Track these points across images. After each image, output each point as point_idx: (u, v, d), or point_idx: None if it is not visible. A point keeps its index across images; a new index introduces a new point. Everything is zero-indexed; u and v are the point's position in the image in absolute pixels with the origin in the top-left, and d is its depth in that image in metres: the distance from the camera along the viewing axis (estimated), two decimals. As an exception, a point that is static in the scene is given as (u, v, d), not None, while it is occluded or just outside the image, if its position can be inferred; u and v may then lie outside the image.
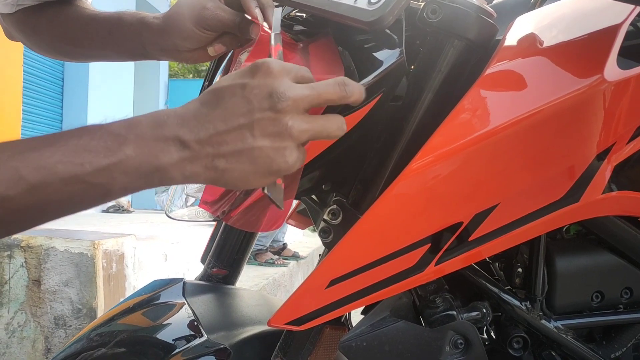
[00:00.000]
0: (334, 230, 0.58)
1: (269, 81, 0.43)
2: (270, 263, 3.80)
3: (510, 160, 0.52)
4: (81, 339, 0.74)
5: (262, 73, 0.43)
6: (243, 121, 0.42)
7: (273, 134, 0.42)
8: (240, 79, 0.43)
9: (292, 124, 0.42)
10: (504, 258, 0.68)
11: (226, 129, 0.42)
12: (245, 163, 0.43)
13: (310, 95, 0.43)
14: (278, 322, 0.56)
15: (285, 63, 0.44)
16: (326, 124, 0.45)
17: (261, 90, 0.42)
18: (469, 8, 0.54)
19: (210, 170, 0.43)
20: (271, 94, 0.42)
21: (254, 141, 0.42)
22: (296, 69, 0.44)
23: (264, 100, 0.42)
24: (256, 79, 0.43)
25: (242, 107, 0.42)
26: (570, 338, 0.63)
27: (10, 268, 1.88)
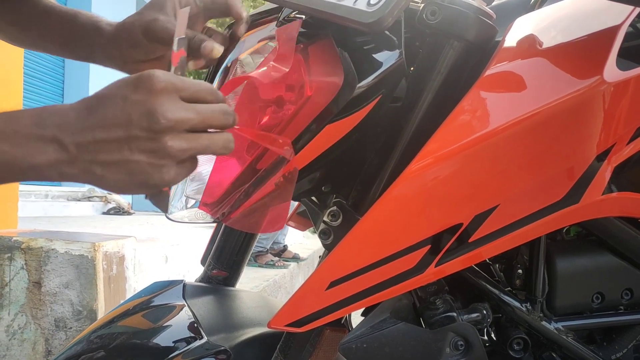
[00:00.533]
0: (333, 231, 0.58)
1: (151, 99, 0.42)
2: (271, 265, 3.80)
3: (510, 161, 0.52)
4: (81, 341, 0.74)
5: (145, 88, 0.42)
6: (121, 134, 0.42)
7: (149, 151, 0.42)
8: (124, 89, 0.43)
9: (172, 144, 0.42)
10: (504, 259, 0.68)
11: (104, 138, 0.42)
12: (121, 173, 0.43)
13: (193, 119, 0.43)
14: (278, 324, 0.56)
15: (176, 78, 0.43)
16: (210, 144, 0.44)
17: (141, 107, 0.42)
18: (468, 9, 0.54)
19: (88, 174, 0.43)
20: (150, 113, 0.41)
21: (130, 155, 0.42)
22: (189, 85, 0.44)
23: (143, 119, 0.42)
24: (138, 94, 0.42)
25: (121, 120, 0.42)
26: (570, 339, 0.63)
27: (10, 270, 1.87)
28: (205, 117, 0.44)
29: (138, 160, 0.42)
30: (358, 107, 0.53)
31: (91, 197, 5.42)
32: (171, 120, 0.42)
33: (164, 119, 0.41)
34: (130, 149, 0.42)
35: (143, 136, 0.42)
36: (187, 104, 0.43)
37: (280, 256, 4.11)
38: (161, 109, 0.41)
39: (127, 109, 0.42)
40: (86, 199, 5.39)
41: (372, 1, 0.46)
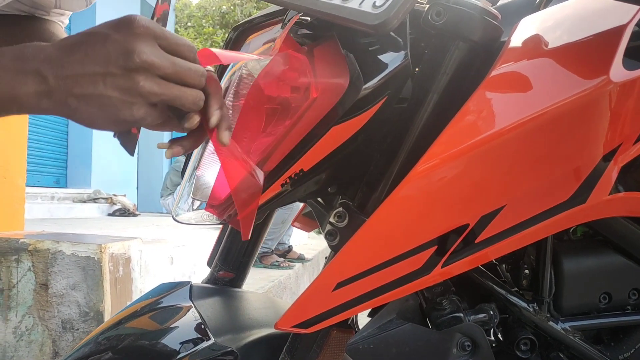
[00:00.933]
0: (340, 232, 0.58)
1: (130, 39, 0.44)
2: (276, 265, 3.80)
3: (516, 162, 0.52)
4: (89, 342, 0.74)
5: (126, 29, 0.44)
6: (98, 69, 0.44)
7: (122, 88, 0.44)
8: (106, 29, 0.45)
9: (143, 84, 0.44)
10: (510, 260, 0.68)
11: (82, 73, 0.44)
12: (94, 107, 0.45)
13: (167, 68, 0.45)
14: (285, 325, 0.56)
15: (157, 26, 0.45)
16: (181, 95, 0.46)
17: (120, 46, 0.44)
18: (474, 10, 0.54)
19: (63, 107, 0.45)
20: (128, 52, 0.44)
21: (104, 90, 0.44)
22: (169, 36, 0.46)
23: (120, 57, 0.44)
24: (119, 33, 0.44)
25: (99, 57, 0.44)
26: (578, 339, 0.63)
27: (17, 272, 1.89)
28: (179, 70, 0.46)
29: (110, 96, 0.44)
30: (364, 108, 0.53)
31: (97, 199, 5.44)
32: (145, 62, 0.44)
33: (139, 59, 0.44)
34: (104, 84, 0.44)
35: (118, 73, 0.44)
36: (165, 53, 0.45)
37: (285, 257, 4.11)
38: (138, 49, 0.44)
39: (106, 47, 0.44)
40: (92, 201, 5.41)
41: (377, 3, 0.46)
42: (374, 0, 0.46)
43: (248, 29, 0.68)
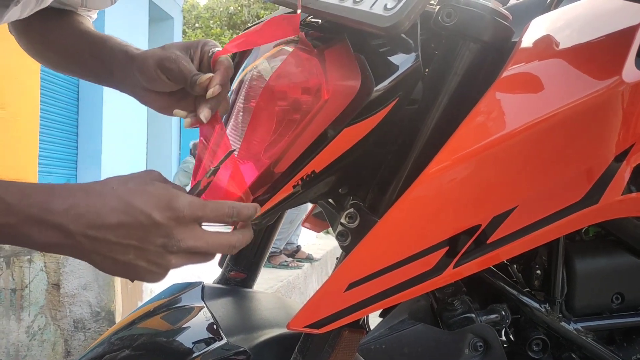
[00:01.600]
0: (351, 233, 0.58)
1: (171, 226, 0.46)
2: (285, 265, 3.81)
3: (528, 162, 0.52)
4: (102, 343, 0.75)
5: (170, 214, 0.46)
6: (134, 243, 0.46)
7: (152, 261, 0.47)
8: (149, 208, 0.46)
9: (175, 262, 0.48)
10: (522, 260, 0.68)
11: (115, 242, 0.46)
12: (117, 268, 0.47)
13: (201, 248, 0.48)
14: (297, 326, 0.57)
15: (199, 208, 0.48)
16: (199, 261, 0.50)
17: (161, 231, 0.46)
18: (484, 11, 0.54)
19: (84, 258, 0.47)
20: (169, 237, 0.46)
21: (134, 259, 0.47)
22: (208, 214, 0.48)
23: (159, 239, 0.46)
24: (162, 216, 0.46)
25: (138, 234, 0.46)
26: (590, 340, 0.62)
27: (30, 272, 1.91)
28: (211, 247, 0.49)
29: (138, 265, 0.47)
30: (375, 110, 0.53)
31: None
32: (183, 248, 0.47)
33: (177, 247, 0.47)
34: (135, 255, 0.46)
35: (152, 250, 0.46)
36: (201, 232, 0.48)
37: (293, 257, 4.12)
38: (178, 236, 0.47)
39: (148, 228, 0.46)
40: (101, 201, 5.43)
41: (388, 5, 0.46)
42: (385, 3, 0.47)
43: (258, 32, 0.69)
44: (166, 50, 0.63)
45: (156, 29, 7.61)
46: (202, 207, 0.48)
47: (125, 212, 0.45)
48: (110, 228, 0.45)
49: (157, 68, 0.62)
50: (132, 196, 0.46)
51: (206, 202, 0.48)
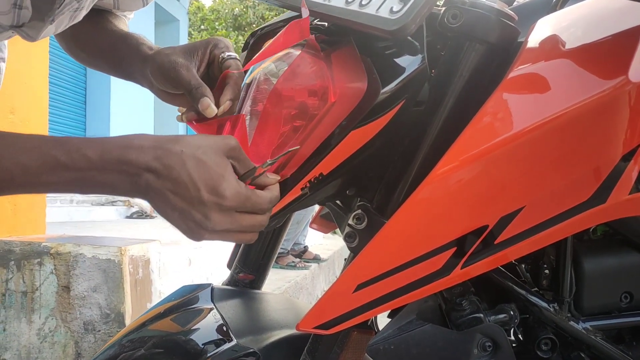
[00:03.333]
0: (359, 234, 0.59)
1: (213, 208, 0.50)
2: (292, 266, 3.81)
3: (535, 163, 0.52)
4: (113, 345, 0.76)
5: (215, 200, 0.50)
6: (180, 205, 0.50)
7: (190, 228, 0.52)
8: (202, 184, 0.50)
9: (207, 237, 0.52)
10: (530, 260, 0.68)
11: (171, 196, 0.50)
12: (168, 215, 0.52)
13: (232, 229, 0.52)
14: (306, 326, 0.57)
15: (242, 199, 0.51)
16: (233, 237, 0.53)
17: (202, 209, 0.50)
18: (490, 12, 0.54)
19: (151, 201, 0.51)
20: (206, 217, 0.50)
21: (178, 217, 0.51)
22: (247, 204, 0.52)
23: (198, 215, 0.50)
24: (208, 197, 0.50)
25: (186, 199, 0.50)
26: (599, 339, 0.62)
27: (40, 275, 1.92)
28: (243, 228, 0.53)
29: (180, 222, 0.52)
30: (382, 112, 0.54)
31: (115, 202, 5.51)
32: (215, 230, 0.51)
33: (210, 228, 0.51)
34: (180, 214, 0.51)
35: (191, 220, 0.51)
36: (237, 217, 0.52)
37: (301, 257, 4.12)
38: (214, 219, 0.50)
39: (193, 200, 0.50)
40: (110, 204, 5.48)
41: (395, 8, 0.47)
42: (391, 6, 0.47)
43: (265, 34, 0.69)
44: (169, 55, 0.64)
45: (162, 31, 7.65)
46: (245, 199, 0.51)
47: (180, 178, 0.50)
48: (168, 188, 0.50)
49: (159, 74, 0.64)
50: (192, 163, 0.50)
51: (250, 195, 0.52)
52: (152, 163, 0.50)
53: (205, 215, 0.50)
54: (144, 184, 0.50)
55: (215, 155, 0.51)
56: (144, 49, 0.70)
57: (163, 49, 0.67)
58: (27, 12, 0.66)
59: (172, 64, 0.63)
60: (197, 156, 0.50)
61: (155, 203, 0.51)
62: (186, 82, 0.62)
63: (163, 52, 0.65)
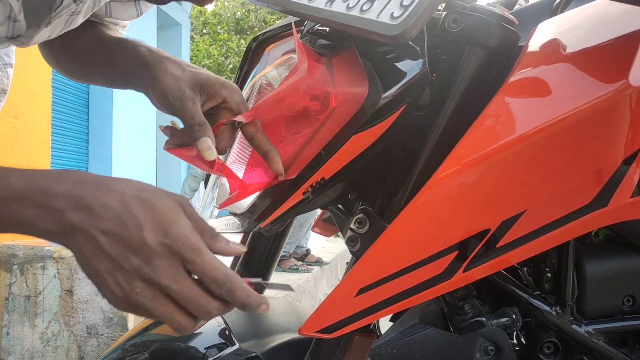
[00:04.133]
0: (361, 238, 0.59)
1: (158, 252, 0.42)
2: (294, 269, 3.82)
3: (536, 166, 0.52)
4: (116, 349, 0.76)
5: (163, 241, 0.43)
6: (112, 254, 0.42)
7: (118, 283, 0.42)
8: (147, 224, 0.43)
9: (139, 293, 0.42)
10: (532, 263, 0.67)
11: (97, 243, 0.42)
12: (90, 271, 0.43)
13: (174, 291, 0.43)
14: (309, 331, 0.57)
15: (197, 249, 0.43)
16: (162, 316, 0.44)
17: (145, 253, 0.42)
18: (490, 17, 0.54)
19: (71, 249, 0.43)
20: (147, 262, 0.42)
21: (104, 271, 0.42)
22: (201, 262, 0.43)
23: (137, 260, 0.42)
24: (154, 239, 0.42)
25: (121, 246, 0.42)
26: (602, 343, 0.62)
27: (43, 279, 1.93)
28: (184, 297, 0.43)
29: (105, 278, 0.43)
30: (383, 117, 0.54)
31: (117, 205, 5.50)
32: (154, 281, 0.42)
33: (149, 276, 0.42)
34: (107, 268, 0.42)
35: (125, 269, 0.42)
36: (183, 277, 0.43)
37: (303, 260, 4.13)
38: (157, 266, 0.42)
39: (133, 243, 0.42)
40: (112, 207, 5.47)
41: (395, 14, 0.47)
42: (392, 11, 0.47)
43: (267, 40, 0.70)
44: (177, 80, 0.60)
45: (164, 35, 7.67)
46: (198, 252, 0.43)
47: (120, 218, 0.42)
48: (100, 229, 0.42)
49: (161, 95, 0.61)
50: (135, 203, 0.43)
51: (204, 251, 0.43)
52: (85, 199, 0.42)
53: (146, 259, 0.42)
54: (69, 223, 0.42)
55: (166, 199, 0.44)
56: (142, 52, 0.66)
57: (168, 61, 0.63)
58: (22, 25, 0.64)
59: (179, 92, 0.59)
60: (143, 197, 0.44)
61: (79, 250, 0.42)
62: (190, 116, 0.57)
63: (169, 69, 0.61)
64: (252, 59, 0.71)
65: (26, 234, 0.44)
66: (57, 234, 0.43)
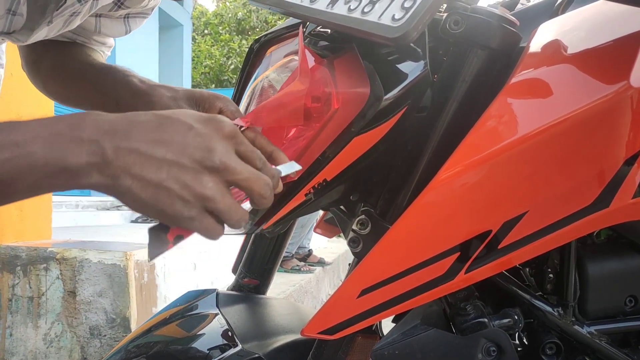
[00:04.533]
0: (363, 240, 0.59)
1: (215, 137, 0.42)
2: (297, 270, 3.82)
3: (538, 167, 0.52)
4: (119, 350, 0.76)
5: (213, 127, 0.43)
6: (169, 157, 0.41)
7: (186, 183, 0.41)
8: (192, 119, 0.43)
9: (210, 186, 0.41)
10: (534, 264, 0.68)
11: (149, 154, 0.41)
12: (147, 193, 0.41)
13: (240, 174, 0.43)
14: (311, 332, 0.57)
15: (239, 132, 0.45)
16: (232, 209, 0.43)
17: (202, 140, 0.42)
18: (492, 18, 0.54)
19: (114, 184, 0.41)
20: (209, 149, 0.42)
21: (166, 179, 0.41)
22: (248, 144, 0.45)
23: (198, 151, 0.41)
24: (205, 128, 0.42)
25: (175, 144, 0.41)
26: (604, 343, 0.62)
27: (46, 280, 1.93)
28: (250, 177, 0.43)
29: (170, 187, 0.41)
30: (385, 118, 0.54)
31: (120, 206, 5.53)
32: (223, 163, 0.42)
33: (218, 160, 0.42)
34: (168, 173, 0.41)
35: (189, 167, 0.41)
36: (240, 160, 0.44)
37: (305, 261, 4.13)
38: (220, 150, 0.42)
39: (186, 137, 0.42)
40: (115, 208, 5.50)
41: (396, 16, 0.47)
42: (393, 13, 0.47)
43: (269, 41, 0.70)
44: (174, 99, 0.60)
45: (166, 36, 7.68)
46: (240, 134, 0.44)
47: (161, 123, 0.42)
48: (143, 138, 0.41)
49: None
50: (168, 112, 0.43)
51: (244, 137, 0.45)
52: (114, 123, 0.41)
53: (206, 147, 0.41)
54: (110, 147, 0.40)
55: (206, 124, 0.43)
56: (133, 82, 0.66)
57: (160, 87, 0.63)
58: (21, 19, 0.63)
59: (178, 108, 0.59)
60: (172, 110, 0.43)
61: (128, 171, 0.40)
62: None
63: (164, 93, 0.61)
64: (254, 60, 0.71)
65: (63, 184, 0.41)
66: (98, 166, 0.40)
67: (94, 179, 0.41)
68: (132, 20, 0.81)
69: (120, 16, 0.79)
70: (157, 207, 0.41)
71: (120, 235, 3.39)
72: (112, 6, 0.75)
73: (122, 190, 0.41)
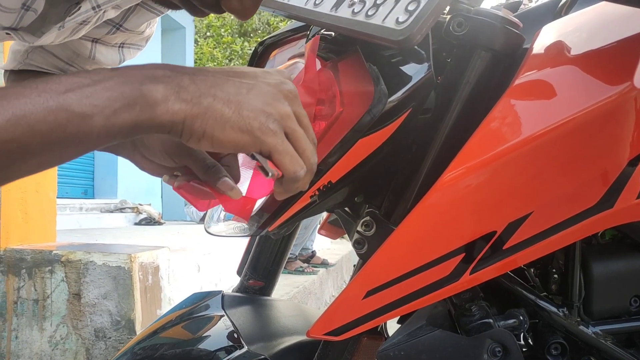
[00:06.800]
0: (367, 241, 0.59)
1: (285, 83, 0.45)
2: (300, 271, 3.82)
3: (542, 168, 0.52)
4: (126, 353, 0.77)
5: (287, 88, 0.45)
6: (246, 80, 0.43)
7: (266, 101, 0.42)
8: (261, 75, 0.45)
9: (284, 109, 0.43)
10: (539, 264, 0.68)
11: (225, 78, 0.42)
12: (229, 108, 0.41)
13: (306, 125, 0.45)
14: (317, 333, 0.58)
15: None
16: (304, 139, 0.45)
17: (273, 76, 0.45)
18: (495, 20, 0.54)
19: (194, 106, 0.40)
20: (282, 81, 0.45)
21: (246, 94, 0.42)
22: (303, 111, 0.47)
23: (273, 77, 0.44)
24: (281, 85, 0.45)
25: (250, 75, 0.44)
26: (609, 343, 0.62)
27: (51, 283, 1.94)
28: (308, 137, 0.45)
29: (251, 102, 0.42)
30: (389, 120, 0.54)
31: (123, 209, 5.54)
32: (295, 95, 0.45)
33: (292, 86, 0.45)
34: (248, 91, 0.42)
35: (266, 88, 0.43)
36: None
37: (309, 262, 4.13)
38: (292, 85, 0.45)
39: (258, 73, 0.44)
40: (118, 211, 5.51)
41: (400, 19, 0.47)
42: (397, 16, 0.48)
43: (273, 44, 0.70)
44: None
45: (169, 38, 7.70)
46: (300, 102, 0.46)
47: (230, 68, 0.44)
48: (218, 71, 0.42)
49: (161, 146, 0.59)
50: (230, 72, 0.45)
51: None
52: (187, 68, 0.42)
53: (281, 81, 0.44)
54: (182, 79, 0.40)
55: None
56: None
57: None
58: (33, 15, 0.63)
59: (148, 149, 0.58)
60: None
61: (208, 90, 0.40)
62: (200, 159, 0.55)
63: None
64: (258, 63, 0.72)
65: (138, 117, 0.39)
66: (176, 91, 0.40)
67: (171, 104, 0.40)
68: (127, 50, 0.80)
69: (116, 44, 0.79)
70: (240, 124, 0.41)
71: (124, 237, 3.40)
72: (111, 29, 0.75)
73: (202, 111, 0.40)
